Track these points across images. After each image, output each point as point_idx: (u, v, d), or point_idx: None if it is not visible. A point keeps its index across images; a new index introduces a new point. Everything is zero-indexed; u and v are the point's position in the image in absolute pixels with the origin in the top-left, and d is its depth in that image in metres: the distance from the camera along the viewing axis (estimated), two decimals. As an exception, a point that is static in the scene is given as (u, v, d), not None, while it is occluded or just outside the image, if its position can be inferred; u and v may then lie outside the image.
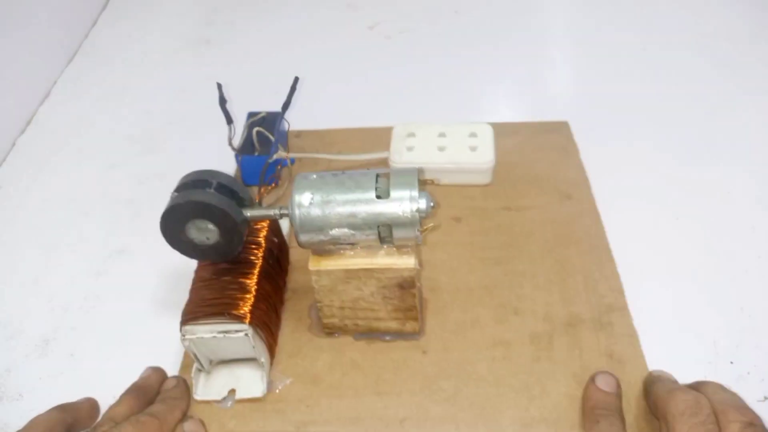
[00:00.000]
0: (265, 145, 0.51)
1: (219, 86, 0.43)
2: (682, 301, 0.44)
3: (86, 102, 0.66)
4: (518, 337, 0.42)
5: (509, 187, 0.53)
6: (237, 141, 0.51)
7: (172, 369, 0.42)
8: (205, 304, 0.38)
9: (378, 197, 0.35)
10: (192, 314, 0.38)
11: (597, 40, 0.69)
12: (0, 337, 0.45)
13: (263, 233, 0.42)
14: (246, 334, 0.37)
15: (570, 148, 0.56)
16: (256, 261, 0.40)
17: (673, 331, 0.42)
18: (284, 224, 0.46)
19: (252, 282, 0.39)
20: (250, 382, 0.40)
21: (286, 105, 0.47)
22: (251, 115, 0.53)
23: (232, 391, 0.40)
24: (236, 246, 0.37)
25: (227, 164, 0.51)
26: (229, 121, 0.43)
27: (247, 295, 0.38)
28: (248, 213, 0.37)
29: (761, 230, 0.48)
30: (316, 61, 0.68)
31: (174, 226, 0.36)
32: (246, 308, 0.38)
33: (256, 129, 0.50)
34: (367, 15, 0.75)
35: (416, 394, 0.40)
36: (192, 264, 0.41)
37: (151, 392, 0.39)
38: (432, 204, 0.37)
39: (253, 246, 0.41)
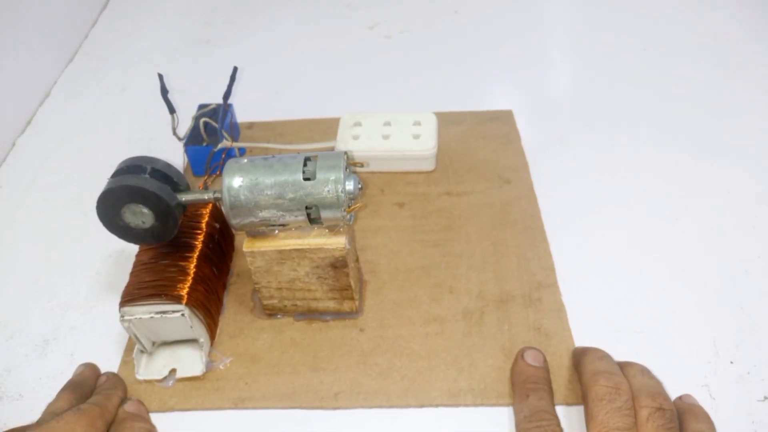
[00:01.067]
0: (213, 136, 0.52)
1: (160, 77, 0.44)
2: (682, 301, 0.44)
3: (86, 102, 0.66)
4: (452, 314, 0.44)
5: (451, 173, 0.54)
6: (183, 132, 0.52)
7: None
8: (144, 285, 0.39)
9: (307, 179, 0.37)
10: (130, 296, 0.39)
11: (597, 40, 0.70)
12: (0, 337, 0.45)
13: (205, 219, 0.44)
14: (183, 315, 0.39)
15: (512, 136, 0.58)
16: (196, 245, 0.42)
17: (673, 330, 0.42)
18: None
19: (190, 265, 0.41)
20: (190, 361, 0.41)
21: (226, 95, 0.48)
22: (201, 106, 0.54)
23: (173, 371, 0.41)
24: (171, 229, 0.39)
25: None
26: (172, 111, 0.44)
27: (185, 278, 0.40)
28: (182, 197, 0.38)
29: (761, 230, 0.48)
30: (315, 61, 0.69)
31: (110, 210, 0.37)
32: (183, 290, 0.39)
33: (202, 120, 0.51)
34: (367, 15, 0.75)
35: (351, 369, 0.41)
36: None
37: (87, 387, 0.39)
38: (360, 186, 0.38)
39: (194, 231, 0.43)
